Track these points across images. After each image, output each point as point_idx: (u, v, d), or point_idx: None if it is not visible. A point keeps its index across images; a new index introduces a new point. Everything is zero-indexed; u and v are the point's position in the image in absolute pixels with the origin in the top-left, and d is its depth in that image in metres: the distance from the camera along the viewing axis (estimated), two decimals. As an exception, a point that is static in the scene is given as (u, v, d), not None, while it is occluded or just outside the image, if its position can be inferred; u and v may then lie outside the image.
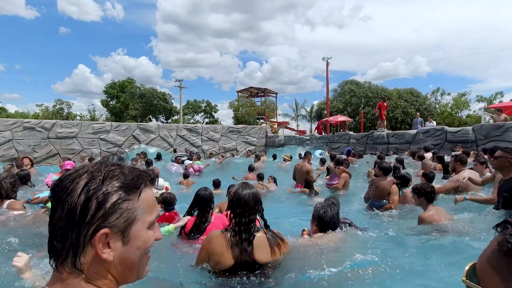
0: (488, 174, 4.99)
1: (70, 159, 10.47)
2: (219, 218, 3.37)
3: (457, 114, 37.06)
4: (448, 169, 6.21)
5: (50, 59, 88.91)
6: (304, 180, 7.37)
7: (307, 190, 7.10)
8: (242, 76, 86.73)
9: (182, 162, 12.17)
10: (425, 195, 3.58)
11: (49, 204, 3.96)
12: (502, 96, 36.28)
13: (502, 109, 11.97)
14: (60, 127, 17.24)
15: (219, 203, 4.53)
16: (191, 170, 10.60)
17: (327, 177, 8.33)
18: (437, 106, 39.01)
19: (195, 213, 3.37)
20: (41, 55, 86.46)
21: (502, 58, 67.88)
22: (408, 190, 5.10)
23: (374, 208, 5.20)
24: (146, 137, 19.36)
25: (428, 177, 5.39)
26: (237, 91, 42.27)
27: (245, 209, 2.17)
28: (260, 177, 8.15)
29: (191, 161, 11.99)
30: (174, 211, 4.24)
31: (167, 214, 4.00)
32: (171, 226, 3.23)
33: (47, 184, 5.46)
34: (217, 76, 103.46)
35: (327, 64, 26.57)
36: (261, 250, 2.19)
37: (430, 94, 40.64)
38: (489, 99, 36.31)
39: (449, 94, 39.29)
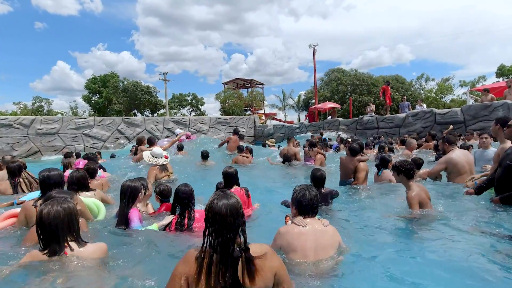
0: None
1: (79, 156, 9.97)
2: (203, 215, 3.12)
3: (441, 99, 37.75)
4: None
5: (26, 56, 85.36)
6: (284, 155, 8.42)
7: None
8: (227, 68, 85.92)
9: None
10: (404, 172, 3.64)
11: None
12: (485, 80, 37.24)
13: (489, 90, 12.09)
14: (40, 123, 16.49)
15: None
16: (183, 138, 10.74)
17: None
18: (422, 91, 39.58)
19: (178, 211, 3.27)
20: (17, 52, 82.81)
21: (482, 44, 69.45)
22: (387, 171, 5.27)
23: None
24: (132, 131, 18.80)
25: (417, 163, 5.31)
26: (223, 83, 41.69)
27: (222, 226, 1.68)
28: (240, 149, 8.98)
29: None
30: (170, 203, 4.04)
31: (164, 206, 3.80)
32: (155, 226, 3.10)
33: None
34: (202, 69, 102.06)
35: (314, 51, 26.37)
36: (247, 274, 1.71)
37: (415, 80, 41.22)
38: (472, 83, 37.10)
39: (433, 79, 39.97)
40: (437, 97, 37.76)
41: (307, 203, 2.51)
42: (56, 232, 1.96)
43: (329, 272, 2.28)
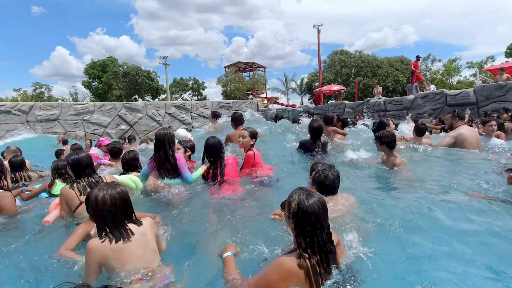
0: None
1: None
2: (231, 162, 3.77)
3: (448, 81, 36.89)
4: None
5: (25, 42, 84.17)
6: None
7: None
8: (229, 52, 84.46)
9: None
10: (386, 143, 3.96)
11: (56, 189, 3.42)
12: (493, 61, 36.20)
13: (504, 68, 11.55)
14: (39, 109, 16.17)
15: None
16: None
17: None
18: (428, 73, 38.65)
19: (210, 160, 3.65)
20: (15, 38, 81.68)
21: (490, 23, 67.35)
22: None
23: None
24: (133, 117, 18.46)
25: (419, 129, 5.44)
26: (224, 67, 40.97)
27: (317, 226, 1.63)
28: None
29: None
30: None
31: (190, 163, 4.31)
32: (200, 170, 3.65)
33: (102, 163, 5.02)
34: (203, 53, 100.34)
35: (318, 31, 25.55)
36: (340, 252, 1.81)
37: (421, 61, 40.12)
38: (480, 65, 36.12)
39: (439, 60, 38.91)
40: (444, 78, 36.87)
41: (329, 185, 2.53)
42: (116, 217, 1.94)
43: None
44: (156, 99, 39.56)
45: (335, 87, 23.63)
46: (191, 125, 19.93)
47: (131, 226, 2.00)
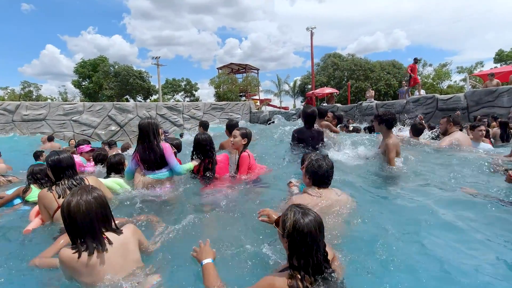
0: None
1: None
2: (223, 159, 3.68)
3: (438, 85, 37.41)
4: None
5: (13, 39, 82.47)
6: None
7: None
8: (222, 53, 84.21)
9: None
10: (385, 121, 3.76)
11: (31, 196, 3.21)
12: (483, 66, 36.94)
13: (494, 74, 11.68)
14: (25, 109, 15.75)
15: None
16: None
17: None
18: (419, 77, 39.10)
19: (199, 157, 3.54)
20: (3, 36, 79.78)
21: (479, 29, 68.69)
22: None
23: None
24: (124, 117, 18.14)
25: (416, 128, 5.35)
26: (217, 68, 40.78)
27: (313, 246, 1.53)
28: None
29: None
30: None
31: None
32: (191, 164, 3.51)
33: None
34: (196, 54, 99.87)
35: (312, 34, 25.58)
36: (338, 269, 1.72)
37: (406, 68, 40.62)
38: (469, 70, 36.73)
39: (430, 65, 39.45)
40: (434, 83, 37.38)
41: (323, 174, 2.42)
42: (91, 225, 1.74)
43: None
44: (148, 100, 39.14)
45: (328, 90, 23.68)
46: (183, 127, 19.71)
47: (109, 235, 1.82)
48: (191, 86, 45.38)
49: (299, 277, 1.50)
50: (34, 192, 3.26)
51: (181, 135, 12.88)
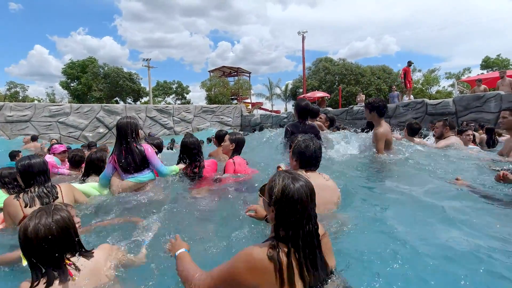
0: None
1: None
2: (210, 164, 3.52)
3: (427, 90, 38.03)
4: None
5: (0, 39, 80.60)
6: None
7: None
8: (214, 56, 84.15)
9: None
10: (376, 108, 3.64)
11: None
12: (470, 72, 37.75)
13: (481, 80, 11.86)
14: (9, 110, 15.30)
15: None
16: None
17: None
18: (402, 83, 39.78)
19: (186, 161, 3.39)
20: (-11, 34, 78.07)
21: (466, 36, 70.34)
22: None
23: None
24: (112, 120, 17.80)
25: (412, 128, 5.26)
26: (209, 71, 40.59)
27: (303, 215, 1.36)
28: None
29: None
30: None
31: None
32: (177, 167, 3.36)
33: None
34: (188, 56, 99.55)
35: (303, 38, 25.72)
36: (328, 253, 1.51)
37: (400, 71, 41.28)
38: (457, 75, 37.48)
39: (419, 70, 40.09)
40: (424, 88, 38.01)
41: (311, 155, 2.29)
42: (51, 253, 1.48)
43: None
44: (138, 102, 38.64)
45: (319, 94, 23.73)
46: (173, 130, 19.47)
47: (76, 260, 1.59)
48: (183, 89, 45.06)
49: (285, 250, 1.33)
50: (1, 198, 3.02)
51: (173, 141, 12.62)
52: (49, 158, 4.78)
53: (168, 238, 1.90)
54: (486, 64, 36.43)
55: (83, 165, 4.12)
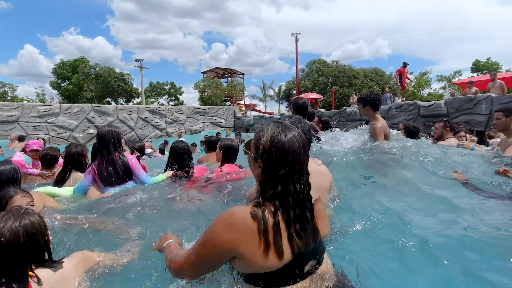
0: None
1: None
2: (199, 170, 3.32)
3: (419, 93, 38.45)
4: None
5: (-12, 37, 79.19)
6: None
7: None
8: (207, 58, 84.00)
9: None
10: (370, 102, 3.48)
11: None
12: (461, 75, 38.37)
13: (473, 82, 11.97)
14: (-4, 110, 14.94)
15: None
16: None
17: None
18: (395, 85, 40.22)
19: (175, 167, 3.20)
20: (-22, 33, 76.62)
21: (457, 39, 71.50)
22: None
23: None
24: (103, 120, 17.51)
25: (409, 131, 5.17)
26: (202, 72, 40.48)
27: (295, 168, 1.19)
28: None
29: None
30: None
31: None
32: (162, 176, 3.15)
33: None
34: (182, 58, 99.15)
35: (296, 40, 25.76)
36: (322, 220, 1.32)
37: (394, 73, 41.71)
38: (448, 78, 38.02)
39: (411, 73, 40.52)
40: (415, 90, 38.43)
41: None
42: (14, 261, 1.31)
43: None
44: (130, 103, 38.20)
45: (312, 95, 23.77)
46: (166, 131, 19.25)
47: (41, 272, 1.41)
48: (176, 90, 44.75)
49: (272, 209, 1.16)
50: None
51: (165, 142, 12.39)
52: (18, 157, 4.46)
53: (158, 236, 1.73)
54: (476, 67, 37.03)
55: (57, 165, 3.82)
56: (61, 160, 3.91)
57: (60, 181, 3.13)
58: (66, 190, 2.85)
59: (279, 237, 1.13)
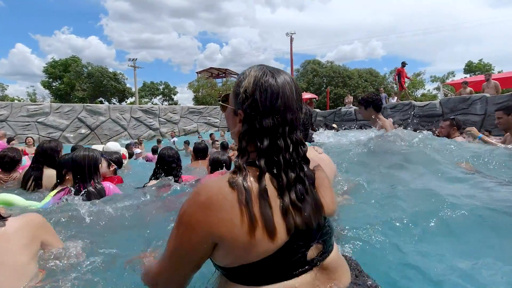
0: None
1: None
2: (188, 179, 3.16)
3: (413, 93, 38.67)
4: None
5: (-21, 36, 77.85)
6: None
7: None
8: (202, 58, 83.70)
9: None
10: (373, 103, 3.34)
11: None
12: (454, 76, 38.64)
13: (467, 82, 11.98)
14: (-16, 109, 14.55)
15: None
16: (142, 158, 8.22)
17: None
18: (395, 85, 40.37)
19: (162, 176, 3.04)
20: (-33, 31, 75.29)
21: (449, 41, 72.23)
22: None
23: None
24: (95, 120, 17.20)
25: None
26: (196, 72, 40.20)
27: (285, 117, 0.91)
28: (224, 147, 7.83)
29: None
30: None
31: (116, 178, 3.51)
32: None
33: None
34: (176, 58, 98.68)
35: (291, 40, 25.68)
36: (326, 192, 1.00)
37: (388, 74, 41.93)
38: (442, 79, 38.30)
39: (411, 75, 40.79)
40: (409, 91, 38.67)
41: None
42: None
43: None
44: (124, 103, 37.76)
45: (307, 95, 23.72)
46: (159, 131, 19.00)
47: None
48: (170, 90, 44.38)
49: (257, 173, 0.88)
50: None
51: (158, 141, 12.18)
52: None
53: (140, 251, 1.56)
54: (469, 68, 37.38)
55: (20, 169, 3.45)
56: (28, 162, 3.62)
57: (38, 179, 2.96)
58: (29, 204, 2.47)
59: (268, 209, 0.85)
